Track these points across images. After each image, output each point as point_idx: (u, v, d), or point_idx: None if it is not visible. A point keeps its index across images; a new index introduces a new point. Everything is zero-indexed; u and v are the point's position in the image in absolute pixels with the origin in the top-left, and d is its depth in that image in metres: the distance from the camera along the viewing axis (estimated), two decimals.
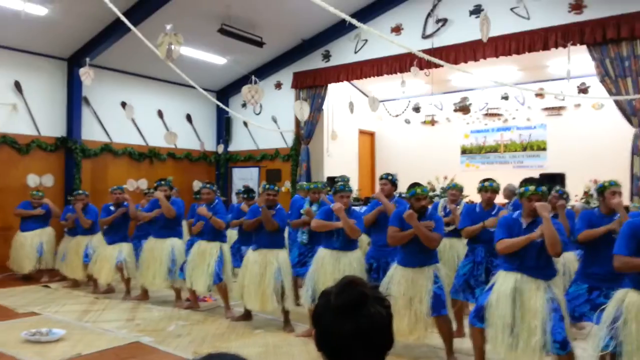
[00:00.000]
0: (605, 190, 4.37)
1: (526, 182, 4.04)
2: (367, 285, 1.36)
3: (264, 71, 11.31)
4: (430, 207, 4.83)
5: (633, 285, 3.40)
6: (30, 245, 7.97)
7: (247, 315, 5.91)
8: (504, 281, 3.91)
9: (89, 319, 5.92)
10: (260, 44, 9.78)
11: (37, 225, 8.11)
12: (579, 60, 8.27)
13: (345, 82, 11.05)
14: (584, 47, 7.72)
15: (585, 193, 8.62)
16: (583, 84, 9.73)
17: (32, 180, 9.20)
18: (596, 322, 3.68)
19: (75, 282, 7.74)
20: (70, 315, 6.03)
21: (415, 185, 4.58)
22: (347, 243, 5.06)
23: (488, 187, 5.24)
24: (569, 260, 5.43)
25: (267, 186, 5.77)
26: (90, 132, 10.09)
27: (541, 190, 3.90)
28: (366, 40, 10.00)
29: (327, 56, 10.68)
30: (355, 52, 10.19)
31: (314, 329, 1.37)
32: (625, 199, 5.22)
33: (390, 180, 5.57)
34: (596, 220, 4.34)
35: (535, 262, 3.82)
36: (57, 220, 8.24)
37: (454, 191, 6.25)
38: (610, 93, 7.54)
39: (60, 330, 5.17)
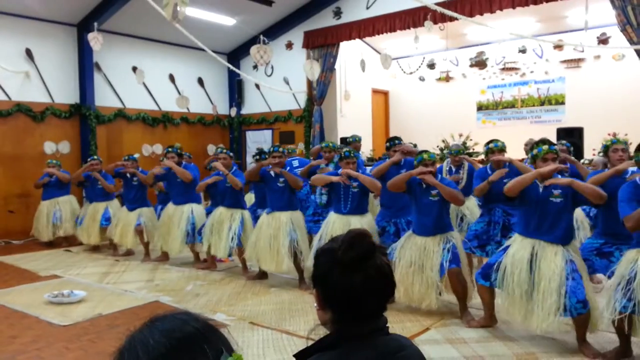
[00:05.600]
0: (608, 149, 4.33)
1: (539, 143, 3.95)
2: (372, 237, 1.37)
3: (274, 31, 11.11)
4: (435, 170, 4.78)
5: None
6: (48, 214, 8.13)
7: (262, 274, 6.00)
8: (520, 247, 3.87)
9: (109, 280, 6.08)
10: (269, 2, 9.59)
11: (56, 194, 8.23)
12: (599, 9, 7.96)
13: (358, 40, 10.82)
14: None
15: None
16: (603, 34, 9.40)
17: (49, 147, 9.31)
18: (609, 275, 3.66)
19: (96, 246, 7.91)
20: (91, 278, 6.19)
21: (423, 152, 4.59)
22: (357, 207, 5.15)
23: (495, 148, 5.12)
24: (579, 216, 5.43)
25: (272, 148, 5.77)
26: (104, 98, 10.10)
27: (554, 148, 3.84)
28: None
29: (338, 13, 10.44)
30: (367, 8, 9.94)
31: (315, 289, 1.35)
32: None
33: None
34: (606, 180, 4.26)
35: (552, 226, 3.78)
36: (75, 187, 8.39)
37: (452, 157, 6.10)
38: (632, 42, 7.25)
39: (82, 291, 5.32)
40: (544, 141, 3.93)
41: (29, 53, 9.08)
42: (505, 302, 3.91)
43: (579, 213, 5.45)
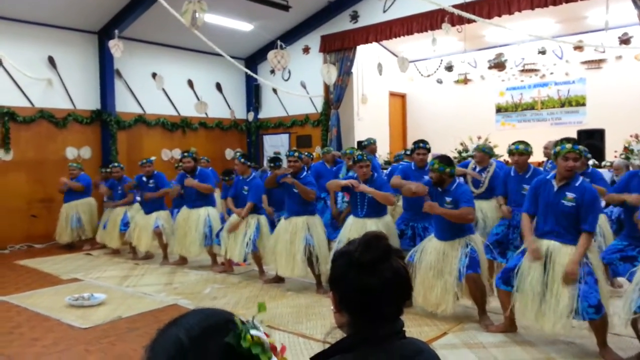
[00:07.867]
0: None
1: (562, 141, 3.87)
2: (388, 239, 1.36)
3: (291, 36, 11.17)
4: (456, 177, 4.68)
5: None
6: (69, 216, 8.31)
7: (279, 278, 6.01)
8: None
9: (128, 283, 6.15)
10: (286, 7, 9.64)
11: (77, 197, 8.40)
12: (620, 9, 7.83)
13: (375, 44, 10.81)
14: None
15: (625, 149, 8.26)
16: (625, 34, 9.23)
17: (71, 152, 9.48)
18: (629, 278, 3.60)
19: (116, 250, 8.02)
20: (111, 281, 6.28)
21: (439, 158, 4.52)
22: (373, 210, 5.12)
23: (514, 150, 5.06)
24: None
25: (287, 153, 5.79)
26: (124, 104, 10.25)
27: (577, 148, 3.74)
28: None
29: (355, 17, 10.44)
30: (384, 11, 9.93)
31: (332, 292, 1.35)
32: None
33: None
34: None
35: (565, 228, 3.74)
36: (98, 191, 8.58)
37: (478, 153, 5.79)
38: None
39: (102, 294, 5.40)
40: (567, 140, 3.85)
41: (51, 60, 9.26)
42: (519, 303, 3.87)
43: (601, 218, 5.35)
